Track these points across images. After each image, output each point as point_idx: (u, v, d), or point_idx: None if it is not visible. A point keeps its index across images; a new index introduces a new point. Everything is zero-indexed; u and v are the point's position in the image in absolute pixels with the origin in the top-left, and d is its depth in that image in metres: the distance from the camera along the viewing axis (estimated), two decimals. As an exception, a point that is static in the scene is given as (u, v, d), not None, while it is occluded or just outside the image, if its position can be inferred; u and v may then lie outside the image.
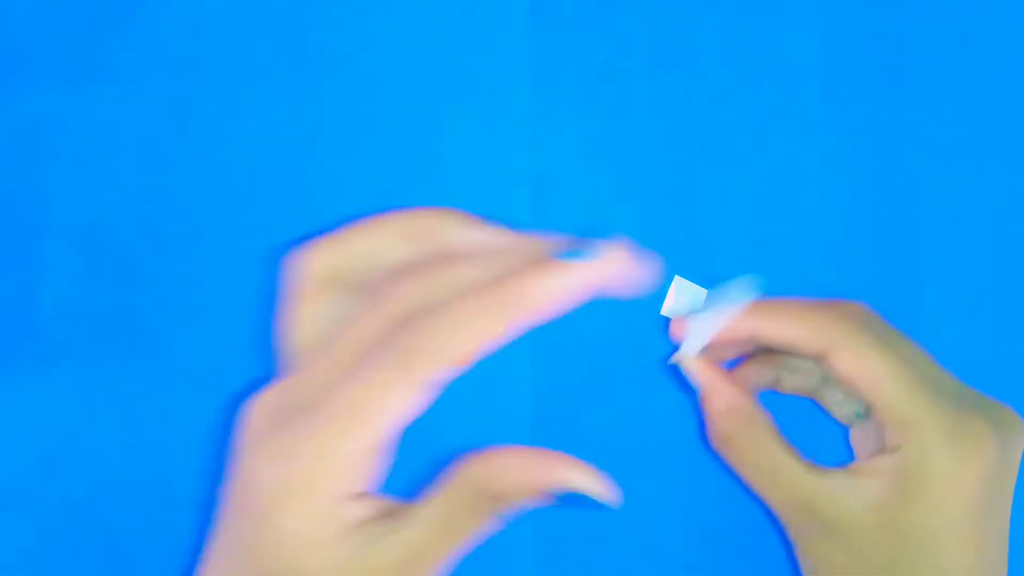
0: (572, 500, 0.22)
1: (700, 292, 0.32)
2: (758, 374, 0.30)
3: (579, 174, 0.35)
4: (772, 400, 0.31)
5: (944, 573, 0.24)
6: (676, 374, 0.30)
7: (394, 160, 0.35)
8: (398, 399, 0.20)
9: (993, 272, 0.34)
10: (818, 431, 0.32)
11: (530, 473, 0.22)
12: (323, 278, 0.23)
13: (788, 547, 0.34)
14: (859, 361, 0.25)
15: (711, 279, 0.31)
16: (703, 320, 0.28)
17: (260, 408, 0.22)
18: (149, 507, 0.35)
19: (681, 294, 0.34)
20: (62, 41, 0.36)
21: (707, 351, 0.28)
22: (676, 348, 0.30)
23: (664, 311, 0.34)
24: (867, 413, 0.29)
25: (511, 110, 0.35)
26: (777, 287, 0.29)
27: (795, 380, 0.30)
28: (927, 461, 0.24)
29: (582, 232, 0.35)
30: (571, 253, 0.22)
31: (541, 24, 0.35)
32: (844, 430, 0.31)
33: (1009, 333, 0.34)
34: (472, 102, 0.35)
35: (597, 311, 0.35)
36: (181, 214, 0.35)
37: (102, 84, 0.36)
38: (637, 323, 0.34)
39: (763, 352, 0.30)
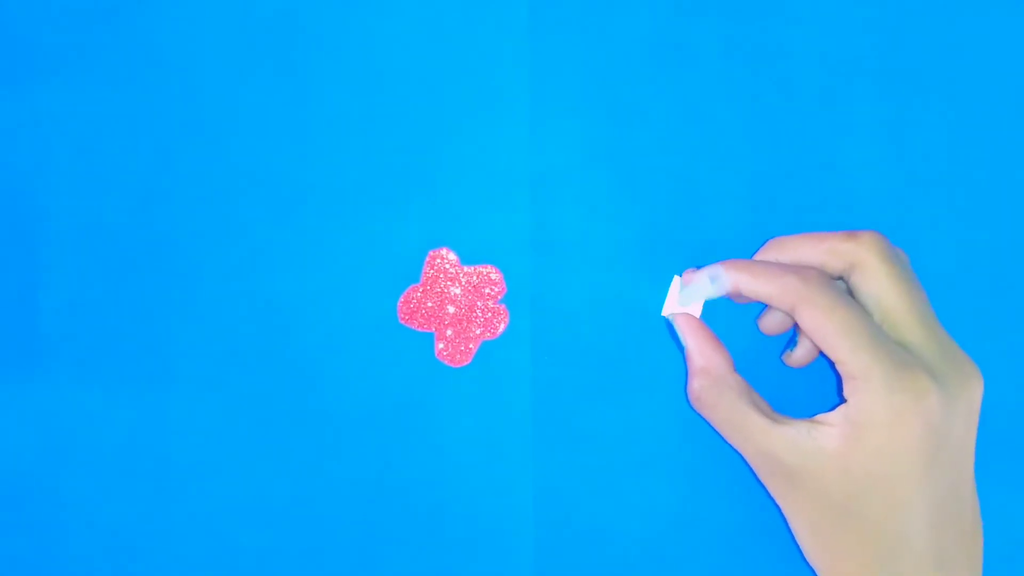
0: None
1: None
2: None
3: (579, 174, 0.35)
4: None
5: (894, 511, 0.26)
6: (672, 333, 0.34)
7: (394, 160, 0.35)
8: None
9: (993, 275, 0.35)
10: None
11: None
12: None
13: (786, 548, 0.34)
14: (816, 320, 0.27)
15: (711, 279, 0.31)
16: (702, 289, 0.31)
17: None
18: (149, 507, 0.35)
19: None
20: (62, 41, 0.36)
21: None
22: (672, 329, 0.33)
23: (664, 311, 0.34)
24: None
25: (511, 110, 0.35)
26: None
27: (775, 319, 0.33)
28: (870, 412, 0.26)
29: (581, 232, 0.35)
30: None
31: (541, 24, 0.35)
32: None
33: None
34: (472, 102, 0.35)
35: (596, 311, 0.35)
36: (181, 214, 0.35)
37: (102, 84, 0.36)
38: (637, 323, 0.35)
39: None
